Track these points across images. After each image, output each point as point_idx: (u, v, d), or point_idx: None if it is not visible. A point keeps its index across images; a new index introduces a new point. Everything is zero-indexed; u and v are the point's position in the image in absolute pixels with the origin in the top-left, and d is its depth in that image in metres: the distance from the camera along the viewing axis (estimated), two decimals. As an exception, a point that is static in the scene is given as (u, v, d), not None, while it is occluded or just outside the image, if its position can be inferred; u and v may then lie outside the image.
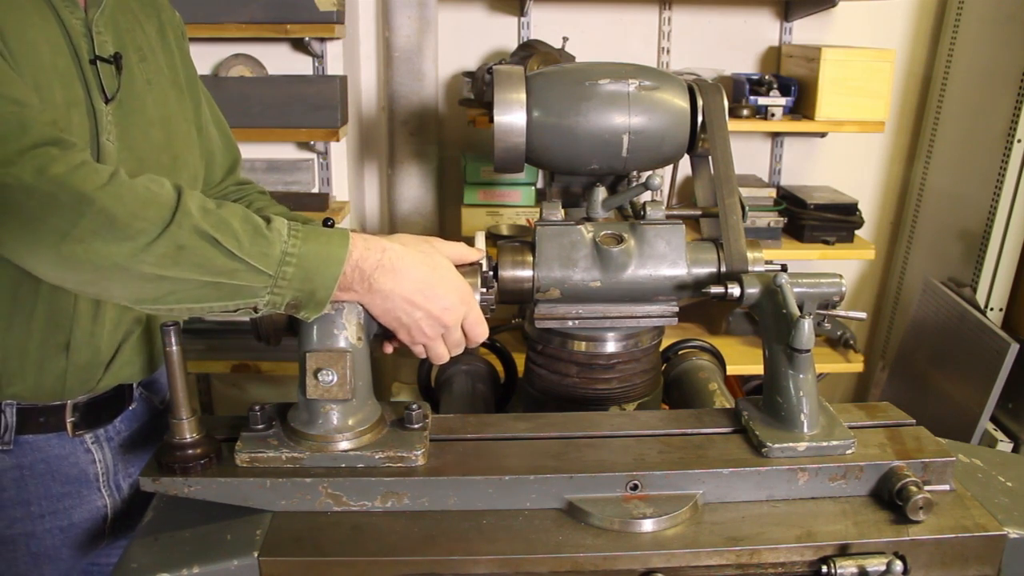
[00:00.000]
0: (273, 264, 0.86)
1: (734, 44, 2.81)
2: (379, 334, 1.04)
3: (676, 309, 1.17)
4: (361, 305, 0.94)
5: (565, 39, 2.51)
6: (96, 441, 1.14)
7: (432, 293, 0.94)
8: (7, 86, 0.86)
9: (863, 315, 1.11)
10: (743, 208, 1.16)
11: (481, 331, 1.01)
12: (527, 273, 1.13)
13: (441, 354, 0.99)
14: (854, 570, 0.85)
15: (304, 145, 2.63)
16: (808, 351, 0.95)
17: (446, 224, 2.85)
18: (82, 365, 1.08)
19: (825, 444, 0.96)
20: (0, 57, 0.89)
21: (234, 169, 1.38)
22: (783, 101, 2.54)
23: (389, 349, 1.05)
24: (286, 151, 2.65)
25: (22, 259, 0.84)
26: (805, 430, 0.98)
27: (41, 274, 0.85)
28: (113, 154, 1.03)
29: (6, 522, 1.08)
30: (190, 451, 0.93)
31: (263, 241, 0.86)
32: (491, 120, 1.16)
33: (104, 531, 1.15)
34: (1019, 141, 2.39)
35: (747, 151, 2.90)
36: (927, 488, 0.91)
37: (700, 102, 1.19)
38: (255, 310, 0.89)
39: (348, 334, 0.95)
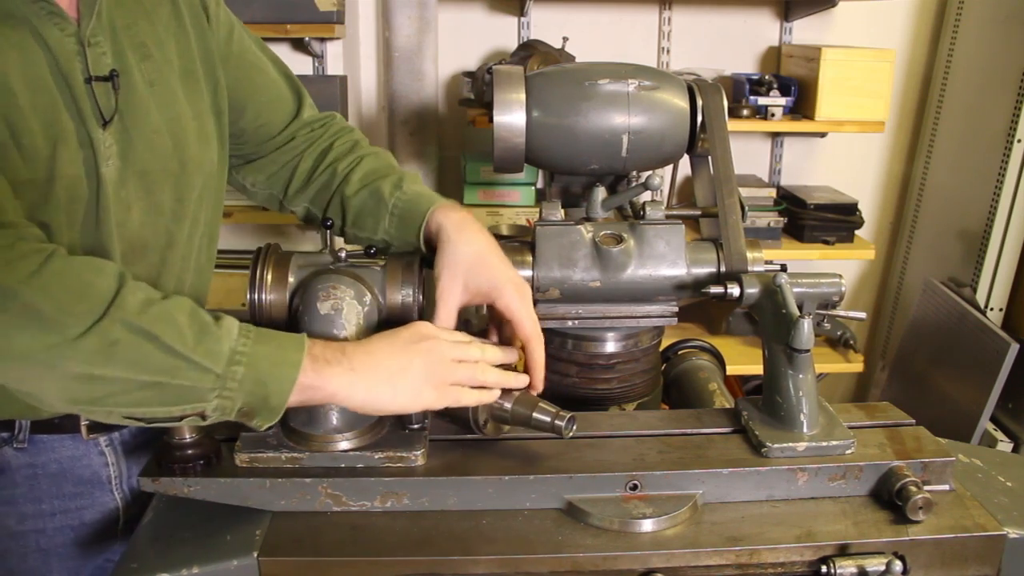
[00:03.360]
0: (221, 362, 0.80)
1: (734, 44, 2.80)
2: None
3: (676, 309, 1.17)
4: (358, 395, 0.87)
5: (565, 39, 2.51)
6: (110, 444, 1.13)
7: (409, 333, 0.91)
8: None
9: (863, 315, 1.11)
10: (743, 208, 1.16)
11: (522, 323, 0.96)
12: (527, 273, 1.13)
13: (496, 381, 0.93)
14: (854, 570, 0.85)
15: (304, 145, 2.63)
16: (808, 351, 0.95)
17: (446, 224, 2.85)
18: None
19: (825, 444, 0.96)
20: None
21: (299, 113, 1.22)
22: (783, 101, 2.54)
23: None
24: (286, 151, 2.65)
25: None
26: (805, 430, 0.98)
27: None
28: (114, 180, 0.96)
29: (17, 518, 1.08)
30: (190, 451, 0.93)
31: (209, 338, 0.81)
32: (491, 120, 1.16)
33: (116, 532, 1.14)
34: (1019, 141, 2.38)
35: (747, 151, 2.90)
36: (927, 488, 0.91)
37: (700, 102, 1.19)
38: (203, 416, 0.83)
39: (348, 334, 0.95)
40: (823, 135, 2.85)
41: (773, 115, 2.55)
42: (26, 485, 1.07)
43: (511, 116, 1.15)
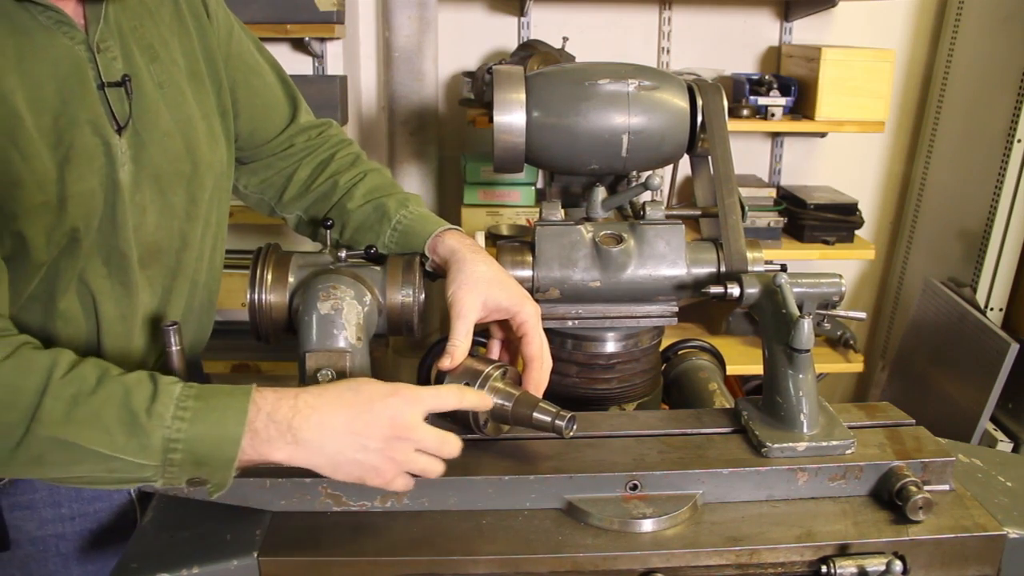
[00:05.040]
0: (155, 455, 0.80)
1: (734, 44, 2.80)
2: (380, 333, 1.04)
3: (676, 309, 1.17)
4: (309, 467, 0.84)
5: (565, 39, 2.51)
6: None
7: (371, 410, 0.83)
8: None
9: (863, 315, 1.11)
10: (743, 208, 1.16)
11: (450, 400, 0.88)
12: (527, 273, 1.13)
13: (432, 469, 0.87)
14: (854, 570, 0.85)
15: (304, 145, 2.63)
16: (808, 351, 0.95)
17: (446, 224, 2.85)
18: None
19: (825, 444, 0.96)
20: None
21: (295, 118, 1.22)
22: (783, 101, 2.54)
23: (446, 363, 0.96)
24: (286, 151, 2.65)
25: None
26: (805, 430, 0.98)
27: None
28: (128, 185, 0.96)
29: (37, 523, 1.08)
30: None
31: (140, 432, 0.80)
32: (491, 120, 1.16)
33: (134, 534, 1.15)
34: (1019, 141, 2.38)
35: (747, 151, 2.90)
36: (927, 488, 0.91)
37: (700, 102, 1.19)
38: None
39: (348, 334, 0.95)
40: (823, 135, 2.85)
41: (773, 115, 2.55)
42: (45, 489, 1.07)
43: (511, 116, 1.15)
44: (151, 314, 1.04)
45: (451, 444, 0.87)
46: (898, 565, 0.85)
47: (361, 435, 0.83)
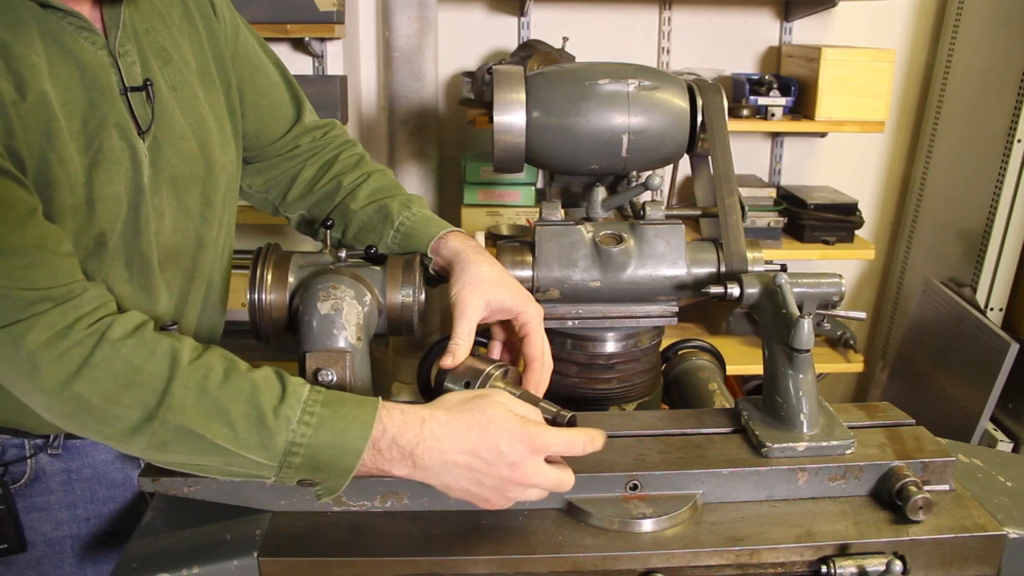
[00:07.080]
0: (276, 456, 0.81)
1: (734, 44, 2.80)
2: (380, 333, 1.04)
3: (676, 309, 1.17)
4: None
5: (565, 39, 2.51)
6: None
7: (496, 451, 0.82)
8: (13, 234, 0.79)
9: (863, 315, 1.11)
10: (743, 208, 1.16)
11: (571, 441, 0.86)
12: (527, 273, 1.14)
13: (540, 496, 0.87)
14: (854, 570, 0.85)
15: (304, 145, 2.63)
16: (808, 351, 0.95)
17: (446, 224, 2.85)
18: None
19: (825, 444, 0.96)
20: (13, 181, 0.81)
21: (299, 118, 1.22)
22: (783, 101, 2.54)
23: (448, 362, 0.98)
24: (286, 151, 2.64)
25: None
26: (805, 430, 0.98)
27: None
28: (148, 188, 0.96)
29: (52, 524, 1.08)
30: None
31: (264, 432, 0.80)
32: (491, 120, 1.16)
33: None
34: (1019, 141, 2.38)
35: (747, 151, 2.90)
36: (927, 488, 0.91)
37: (700, 102, 1.19)
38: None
39: (348, 334, 0.95)
40: (823, 135, 2.85)
41: (773, 115, 2.55)
42: (61, 491, 1.07)
43: (511, 116, 1.15)
44: (169, 316, 1.05)
45: (566, 484, 0.87)
46: (898, 565, 0.85)
47: (479, 472, 0.83)
